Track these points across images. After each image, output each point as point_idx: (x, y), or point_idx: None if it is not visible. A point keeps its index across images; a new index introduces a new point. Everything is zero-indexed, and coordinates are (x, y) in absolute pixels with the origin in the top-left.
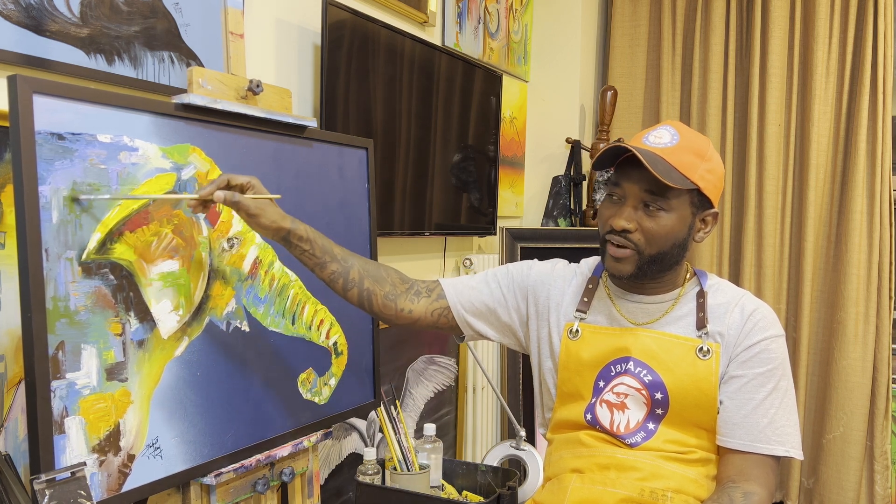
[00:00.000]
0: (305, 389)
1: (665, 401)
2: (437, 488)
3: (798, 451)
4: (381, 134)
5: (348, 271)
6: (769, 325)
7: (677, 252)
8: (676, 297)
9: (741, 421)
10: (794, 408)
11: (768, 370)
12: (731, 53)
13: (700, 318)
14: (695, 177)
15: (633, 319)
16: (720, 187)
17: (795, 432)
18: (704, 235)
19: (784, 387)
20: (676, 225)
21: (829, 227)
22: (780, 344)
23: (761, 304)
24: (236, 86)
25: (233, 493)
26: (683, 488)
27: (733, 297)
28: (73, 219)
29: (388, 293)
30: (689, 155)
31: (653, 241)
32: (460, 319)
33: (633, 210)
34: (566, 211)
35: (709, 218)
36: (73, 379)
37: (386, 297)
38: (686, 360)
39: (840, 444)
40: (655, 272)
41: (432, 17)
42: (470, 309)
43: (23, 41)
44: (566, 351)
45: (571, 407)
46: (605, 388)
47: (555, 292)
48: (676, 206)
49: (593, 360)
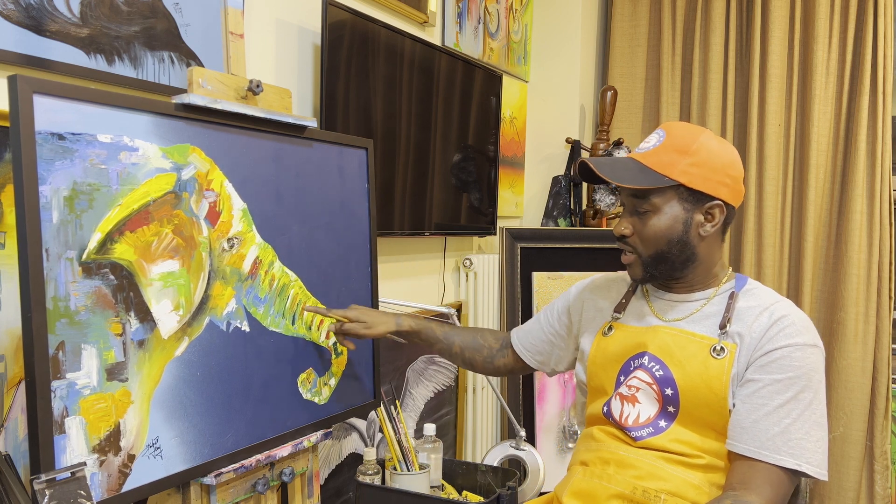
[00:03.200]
0: (305, 389)
1: (675, 398)
2: (437, 488)
3: (815, 470)
4: (381, 134)
5: (451, 347)
6: (797, 332)
7: (679, 250)
8: (709, 297)
9: (750, 426)
10: (819, 424)
11: (788, 378)
12: (731, 53)
13: (724, 319)
14: (674, 173)
15: (662, 316)
16: (716, 179)
17: (816, 448)
18: (712, 229)
19: (807, 399)
20: (666, 224)
21: (829, 227)
22: (807, 354)
23: (795, 312)
24: (236, 86)
25: (233, 493)
26: (681, 492)
27: (766, 302)
28: (74, 219)
29: (485, 357)
30: (669, 153)
31: (647, 243)
32: (531, 362)
33: (629, 216)
34: (566, 211)
35: (714, 210)
36: (74, 379)
37: (485, 361)
38: (698, 357)
39: (840, 444)
40: (667, 271)
41: (432, 17)
42: (532, 350)
43: (23, 41)
44: (597, 347)
45: (597, 402)
46: (623, 382)
47: (589, 305)
48: (662, 206)
49: (617, 356)
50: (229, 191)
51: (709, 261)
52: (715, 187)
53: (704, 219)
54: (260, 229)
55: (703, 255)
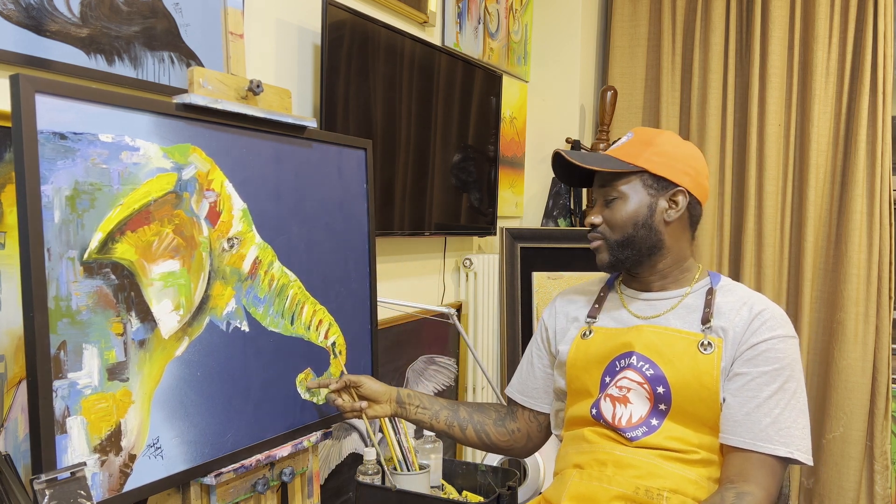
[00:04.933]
0: (304, 389)
1: (667, 395)
2: (437, 488)
3: (804, 455)
4: (381, 134)
5: (458, 413)
6: (778, 325)
7: (645, 234)
8: (685, 294)
9: (743, 419)
10: (803, 412)
11: (774, 369)
12: (731, 53)
13: (706, 314)
14: (639, 161)
15: (640, 315)
16: (678, 167)
17: (802, 436)
18: (676, 215)
19: (791, 388)
20: (632, 208)
21: (829, 227)
22: (789, 345)
23: (772, 305)
24: (236, 86)
25: (233, 493)
26: (681, 489)
27: (743, 297)
28: (75, 218)
29: (495, 420)
30: (634, 146)
31: (614, 227)
32: (546, 408)
33: (600, 208)
34: (566, 211)
35: (678, 197)
36: (75, 379)
37: (496, 424)
38: (687, 353)
39: (840, 444)
40: (634, 256)
41: (432, 17)
42: (537, 395)
43: (23, 41)
44: (576, 349)
45: (580, 405)
46: (610, 383)
47: (560, 317)
48: (628, 192)
49: (600, 357)
50: (229, 191)
51: (678, 252)
52: (677, 175)
53: (668, 205)
54: (259, 229)
55: (669, 244)
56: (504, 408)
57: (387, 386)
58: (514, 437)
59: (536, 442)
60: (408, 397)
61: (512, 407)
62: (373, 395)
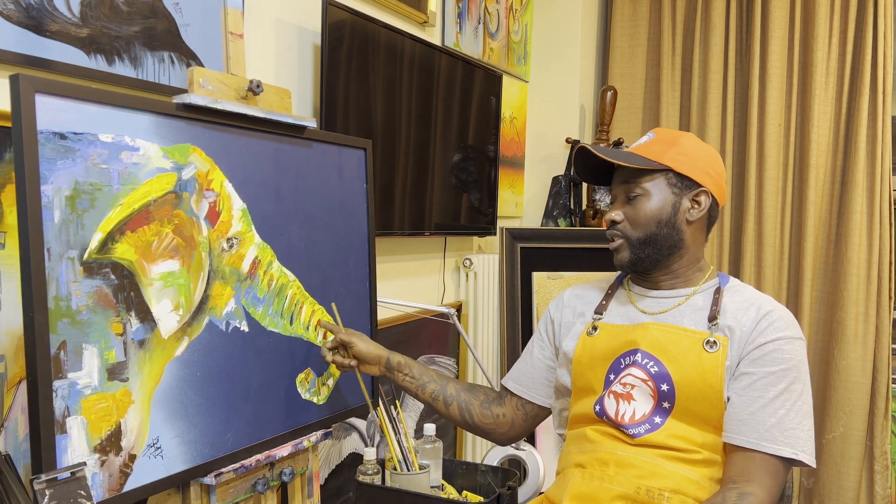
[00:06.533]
0: (304, 389)
1: (671, 393)
2: (437, 488)
3: (808, 457)
4: (381, 134)
5: (445, 388)
6: (785, 326)
7: (667, 232)
8: (693, 292)
9: (748, 418)
10: (808, 414)
11: (781, 370)
12: (731, 53)
13: (713, 312)
14: (663, 159)
15: (647, 311)
16: (701, 167)
17: (807, 437)
18: (699, 214)
19: (797, 390)
20: (656, 206)
21: (829, 227)
22: (796, 347)
23: (780, 307)
24: (236, 86)
25: (233, 493)
26: (683, 489)
27: (751, 298)
28: (75, 218)
29: (482, 402)
30: (658, 145)
31: (636, 225)
32: (537, 399)
33: (620, 205)
34: (566, 211)
35: (701, 197)
36: (75, 379)
37: (482, 406)
38: (692, 351)
39: (840, 444)
40: (654, 255)
41: (432, 17)
42: (530, 385)
43: (23, 41)
44: (582, 346)
45: (584, 402)
46: (615, 380)
47: (567, 312)
48: (652, 189)
49: (605, 354)
50: (229, 191)
51: (694, 253)
52: (700, 175)
53: (691, 205)
54: (259, 229)
55: (688, 244)
56: (494, 392)
57: (379, 349)
58: (497, 422)
59: (519, 431)
60: (398, 365)
61: (502, 393)
62: (361, 356)
